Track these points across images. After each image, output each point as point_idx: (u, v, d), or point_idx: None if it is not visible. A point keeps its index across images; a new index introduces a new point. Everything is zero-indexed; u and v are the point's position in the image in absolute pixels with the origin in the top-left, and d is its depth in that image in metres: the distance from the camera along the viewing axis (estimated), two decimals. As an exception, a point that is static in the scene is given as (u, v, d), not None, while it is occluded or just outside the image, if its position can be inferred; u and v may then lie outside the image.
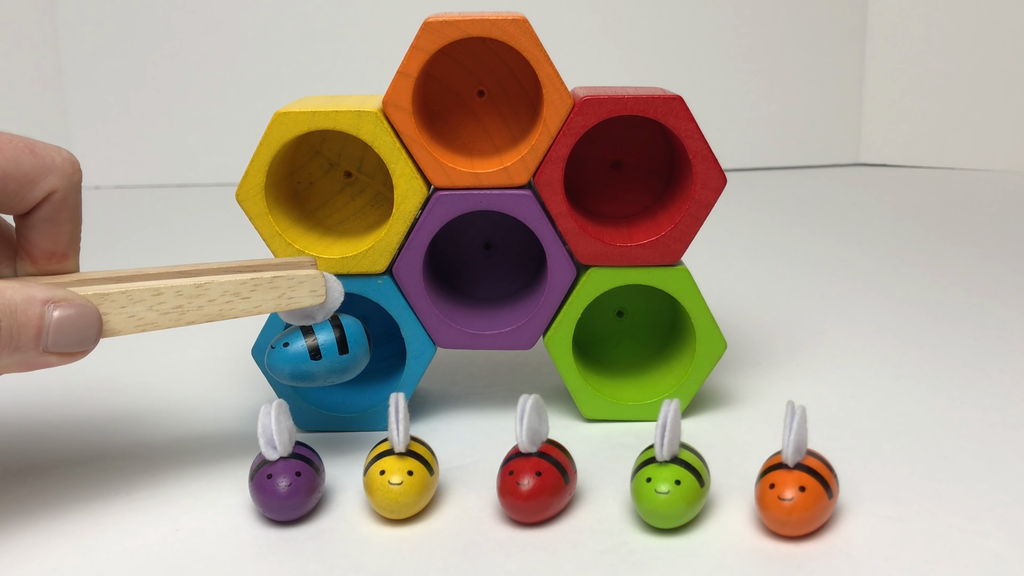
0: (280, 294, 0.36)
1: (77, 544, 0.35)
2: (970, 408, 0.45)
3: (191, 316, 0.35)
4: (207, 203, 1.05)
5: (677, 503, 0.33)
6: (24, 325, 0.32)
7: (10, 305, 0.32)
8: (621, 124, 0.45)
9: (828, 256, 0.75)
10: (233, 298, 0.35)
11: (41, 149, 0.36)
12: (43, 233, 0.37)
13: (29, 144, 0.35)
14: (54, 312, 0.33)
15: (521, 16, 0.39)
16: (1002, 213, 0.91)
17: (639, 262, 0.42)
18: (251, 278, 0.36)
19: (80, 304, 0.33)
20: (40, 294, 0.33)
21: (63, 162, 0.36)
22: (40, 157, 0.35)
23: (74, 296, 0.33)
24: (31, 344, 0.33)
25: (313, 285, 0.37)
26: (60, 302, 0.33)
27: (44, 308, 0.33)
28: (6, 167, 0.34)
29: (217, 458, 0.41)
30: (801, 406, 0.34)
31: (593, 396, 0.44)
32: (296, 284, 0.36)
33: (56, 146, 0.37)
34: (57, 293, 0.33)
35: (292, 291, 0.36)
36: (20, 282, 0.33)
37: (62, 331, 0.33)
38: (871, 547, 0.33)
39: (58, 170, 0.36)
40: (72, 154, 0.37)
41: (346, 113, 0.40)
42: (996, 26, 1.11)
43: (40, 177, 0.36)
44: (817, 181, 1.11)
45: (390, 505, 0.35)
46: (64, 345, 0.33)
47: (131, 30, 1.12)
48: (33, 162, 0.35)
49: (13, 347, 0.32)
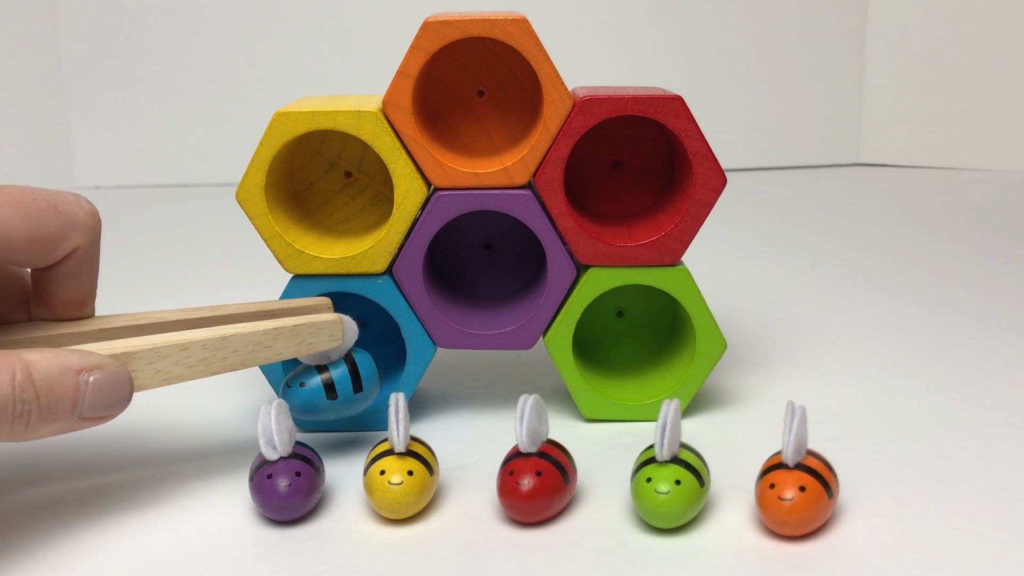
0: (300, 341, 0.37)
1: (77, 544, 0.35)
2: (970, 408, 0.45)
3: (215, 367, 0.36)
4: (207, 203, 1.05)
5: (677, 503, 0.33)
6: (61, 397, 0.32)
7: (46, 379, 0.32)
8: (621, 124, 0.45)
9: (828, 256, 0.75)
10: (256, 348, 0.36)
11: (63, 205, 0.35)
12: (64, 286, 0.37)
13: (51, 201, 0.35)
14: (88, 380, 0.33)
15: (521, 16, 0.39)
16: (1002, 213, 0.91)
17: (639, 262, 0.42)
18: (274, 328, 0.37)
19: (113, 370, 0.34)
20: (75, 364, 0.33)
21: (85, 216, 0.36)
22: (64, 215, 0.35)
23: (107, 362, 0.34)
24: (67, 414, 0.33)
25: (332, 331, 0.38)
26: (94, 370, 0.33)
27: (79, 378, 0.33)
28: (31, 230, 0.34)
29: (217, 458, 0.41)
30: (801, 406, 0.34)
31: (593, 396, 0.44)
32: (316, 330, 0.38)
33: (75, 196, 0.36)
34: (90, 361, 0.33)
35: (312, 337, 0.38)
36: (52, 352, 0.33)
37: (97, 398, 0.33)
38: (871, 547, 0.33)
39: (81, 226, 0.36)
40: (92, 204, 0.36)
41: (346, 113, 0.40)
42: (996, 26, 1.11)
43: (65, 236, 0.35)
44: (817, 181, 1.11)
45: (390, 505, 0.35)
46: (99, 410, 0.34)
47: (131, 30, 1.12)
48: (57, 222, 0.35)
49: (50, 419, 0.32)
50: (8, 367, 0.31)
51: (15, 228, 0.33)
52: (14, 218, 0.33)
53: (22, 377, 0.31)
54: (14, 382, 0.31)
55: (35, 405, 0.32)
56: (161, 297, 0.65)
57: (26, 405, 0.31)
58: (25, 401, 0.31)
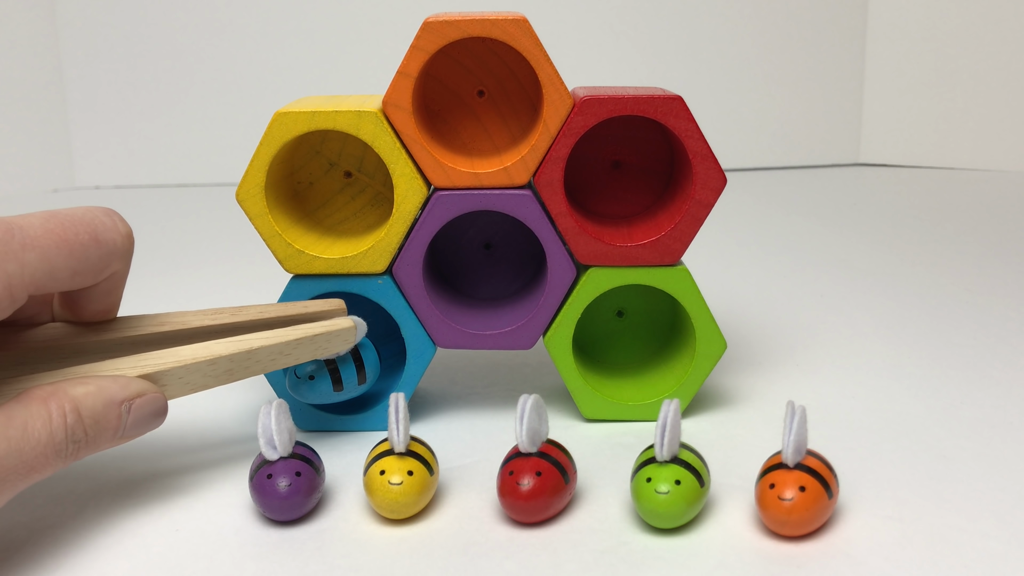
0: (318, 347, 0.39)
1: (77, 544, 0.35)
2: (970, 408, 0.45)
3: (238, 375, 0.37)
4: (207, 203, 1.05)
5: (677, 503, 0.33)
6: (105, 428, 0.34)
7: (93, 415, 0.34)
8: (621, 124, 0.45)
9: (828, 256, 0.75)
10: (278, 356, 0.38)
11: (103, 233, 0.35)
12: (96, 301, 0.37)
13: (92, 232, 0.34)
14: (129, 408, 0.35)
15: (521, 16, 0.39)
16: (1002, 213, 0.91)
17: (639, 262, 0.42)
18: (295, 339, 0.38)
19: (151, 396, 0.35)
20: (118, 396, 0.34)
21: (123, 240, 0.36)
22: (104, 245, 0.35)
23: (145, 388, 0.35)
24: (109, 442, 0.35)
25: (347, 336, 0.40)
26: (134, 398, 0.35)
27: (121, 408, 0.34)
28: (76, 266, 0.34)
29: (217, 458, 0.41)
30: (801, 406, 0.34)
31: (593, 396, 0.44)
32: (332, 337, 0.39)
33: (111, 217, 0.35)
34: (131, 390, 0.35)
35: (328, 343, 0.39)
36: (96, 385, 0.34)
37: (136, 422, 0.35)
38: (871, 547, 0.33)
39: (119, 252, 0.36)
40: (127, 224, 0.36)
41: (346, 113, 0.40)
42: (996, 26, 1.10)
43: (106, 266, 0.35)
44: (817, 181, 1.11)
45: (390, 505, 0.35)
46: (136, 432, 0.35)
47: (131, 30, 1.12)
48: (99, 253, 0.35)
49: (95, 448, 0.34)
50: (59, 407, 0.33)
51: (61, 268, 0.33)
52: (60, 257, 0.33)
53: (73, 419, 0.33)
54: (66, 424, 0.33)
55: (84, 441, 0.33)
56: (161, 297, 0.65)
57: (76, 444, 0.33)
58: (76, 440, 0.33)
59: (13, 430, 0.31)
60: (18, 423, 0.32)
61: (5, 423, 0.31)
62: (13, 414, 0.32)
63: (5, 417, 0.31)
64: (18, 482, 0.31)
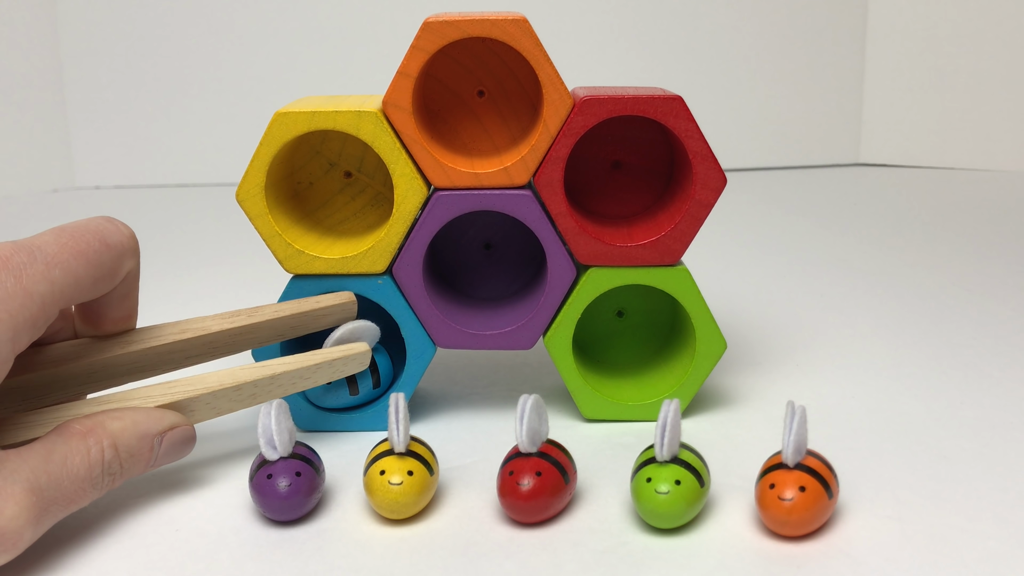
0: (335, 370, 0.40)
1: (77, 544, 0.35)
2: (970, 408, 0.45)
3: (261, 398, 0.39)
4: (207, 203, 1.05)
5: (677, 503, 0.33)
6: (139, 461, 0.36)
7: (129, 450, 0.35)
8: (621, 124, 0.45)
9: (828, 256, 0.75)
10: (298, 380, 0.40)
11: (110, 236, 0.35)
12: (115, 307, 0.38)
13: (101, 237, 0.35)
14: (162, 440, 0.36)
15: (521, 16, 0.39)
16: (1002, 213, 0.91)
17: (639, 262, 0.42)
18: (315, 364, 0.40)
19: (182, 429, 0.37)
20: (152, 430, 0.36)
21: (128, 240, 0.36)
22: (114, 248, 0.35)
23: (177, 421, 0.37)
24: (140, 471, 0.36)
25: (362, 359, 0.41)
26: (166, 431, 0.36)
27: (154, 441, 0.36)
28: (95, 274, 0.35)
29: (217, 458, 0.41)
30: (801, 406, 0.34)
31: (593, 396, 0.44)
32: (349, 360, 0.41)
33: (111, 221, 0.36)
34: (164, 424, 0.36)
35: (344, 365, 0.41)
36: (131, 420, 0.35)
37: (167, 453, 0.37)
38: (871, 547, 0.33)
39: (128, 251, 0.36)
40: (127, 225, 0.37)
41: (346, 113, 0.40)
42: (996, 26, 1.11)
43: (119, 267, 0.36)
44: (817, 181, 1.11)
45: (390, 505, 0.35)
46: (166, 461, 0.37)
47: (131, 30, 1.12)
48: (111, 256, 0.35)
49: (127, 477, 0.36)
50: (97, 443, 0.34)
51: (84, 277, 0.34)
52: (81, 268, 0.34)
53: (110, 455, 0.34)
54: (104, 460, 0.34)
55: (119, 473, 0.35)
56: (161, 297, 0.65)
57: (112, 476, 0.35)
58: (111, 473, 0.35)
59: (53, 465, 0.33)
60: (58, 458, 0.33)
61: (46, 457, 0.33)
62: (54, 448, 0.33)
63: (46, 451, 0.33)
64: (58, 512, 0.33)
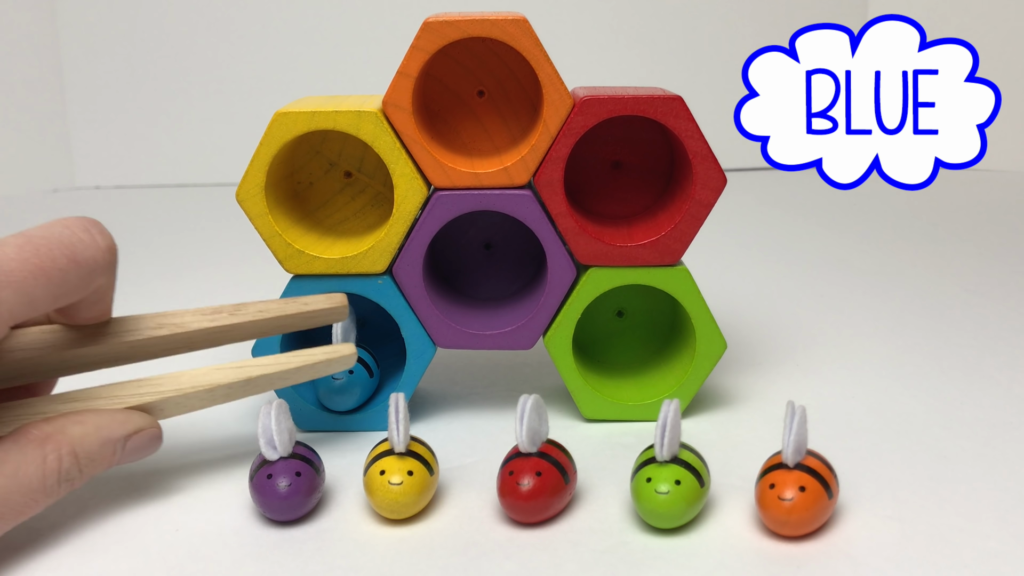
0: (316, 372, 0.39)
1: (76, 544, 0.35)
2: (970, 408, 0.45)
3: (236, 397, 0.38)
4: (207, 203, 1.05)
5: (677, 503, 0.33)
6: (100, 464, 0.35)
7: (89, 455, 0.34)
8: (621, 124, 0.45)
9: (828, 256, 0.75)
10: (276, 380, 0.38)
11: (82, 252, 0.33)
12: (88, 311, 0.37)
13: (70, 253, 0.33)
14: (126, 443, 0.35)
15: (521, 16, 0.39)
16: (1002, 213, 0.91)
17: (639, 262, 0.42)
18: (295, 368, 0.38)
19: (148, 432, 0.36)
20: (116, 434, 0.35)
21: (104, 255, 0.34)
22: (83, 265, 0.33)
23: (144, 423, 0.36)
24: (101, 471, 0.35)
25: (346, 362, 0.39)
26: (132, 434, 0.35)
27: (118, 444, 0.35)
28: (56, 292, 0.33)
29: (217, 458, 0.41)
30: (801, 406, 0.34)
31: (593, 396, 0.44)
32: (332, 363, 0.39)
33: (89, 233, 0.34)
34: (129, 427, 0.35)
35: (327, 367, 0.39)
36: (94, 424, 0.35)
37: (132, 453, 0.36)
38: (871, 547, 0.33)
39: (100, 267, 0.34)
40: (108, 236, 0.35)
41: (346, 113, 0.40)
42: (996, 26, 1.11)
43: (87, 284, 0.34)
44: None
45: (390, 505, 0.35)
46: (130, 460, 0.36)
47: (131, 30, 1.12)
48: (79, 273, 0.33)
49: (85, 480, 0.35)
50: (55, 450, 0.33)
51: (41, 298, 0.32)
52: (38, 288, 0.32)
53: (68, 463, 0.33)
54: (60, 468, 0.33)
55: (78, 479, 0.34)
56: (161, 298, 0.65)
57: (69, 482, 0.34)
58: (69, 480, 0.34)
59: (3, 477, 0.31)
60: (10, 468, 0.32)
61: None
62: (6, 457, 0.32)
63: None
64: (4, 525, 0.32)
